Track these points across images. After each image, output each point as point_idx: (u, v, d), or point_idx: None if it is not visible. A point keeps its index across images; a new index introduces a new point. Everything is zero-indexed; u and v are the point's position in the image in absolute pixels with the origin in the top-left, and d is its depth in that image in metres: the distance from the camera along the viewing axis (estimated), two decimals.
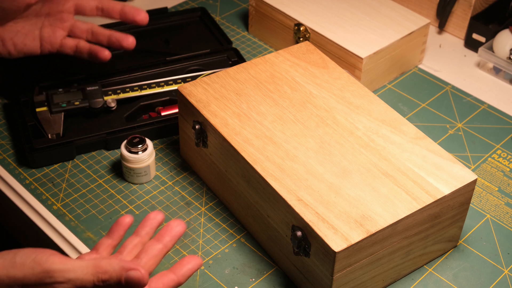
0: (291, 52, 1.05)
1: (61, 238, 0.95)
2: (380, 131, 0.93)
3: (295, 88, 0.99)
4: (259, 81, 0.99)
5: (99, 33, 1.03)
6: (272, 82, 0.99)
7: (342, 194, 0.84)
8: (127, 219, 0.79)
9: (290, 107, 0.95)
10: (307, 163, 0.88)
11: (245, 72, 1.01)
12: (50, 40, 1.00)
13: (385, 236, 0.82)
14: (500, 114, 1.16)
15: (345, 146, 0.90)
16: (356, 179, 0.86)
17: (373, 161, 0.88)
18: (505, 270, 0.92)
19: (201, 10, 1.29)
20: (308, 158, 0.88)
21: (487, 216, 0.99)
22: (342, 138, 0.91)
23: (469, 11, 1.25)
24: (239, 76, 1.00)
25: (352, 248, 0.79)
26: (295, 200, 0.83)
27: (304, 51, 1.05)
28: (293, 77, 1.00)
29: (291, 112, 0.95)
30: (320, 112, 0.95)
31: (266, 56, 1.04)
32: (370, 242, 0.81)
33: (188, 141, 1.02)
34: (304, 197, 0.83)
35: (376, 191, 0.85)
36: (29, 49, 1.00)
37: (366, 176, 0.86)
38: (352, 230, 0.80)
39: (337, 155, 0.89)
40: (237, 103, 0.96)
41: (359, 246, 0.80)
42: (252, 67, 1.02)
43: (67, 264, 0.68)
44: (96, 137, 1.05)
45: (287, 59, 1.03)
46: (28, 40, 0.99)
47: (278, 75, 1.01)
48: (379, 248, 0.83)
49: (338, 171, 0.87)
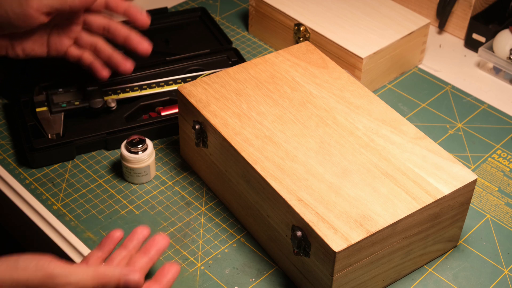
0: (291, 52, 1.05)
1: (61, 238, 0.95)
2: (380, 131, 0.93)
3: (295, 88, 0.98)
4: (259, 81, 0.99)
5: (101, 50, 1.04)
6: (272, 82, 0.99)
7: (342, 194, 0.84)
8: (118, 234, 0.83)
9: (290, 107, 0.95)
10: (307, 163, 0.88)
11: (245, 72, 1.01)
12: (56, 47, 1.02)
13: (385, 236, 0.82)
14: (500, 114, 1.16)
15: (345, 146, 0.90)
16: (356, 179, 0.86)
17: (373, 161, 0.88)
18: (505, 270, 0.92)
19: (201, 10, 1.30)
20: (308, 158, 0.88)
21: (487, 216, 0.99)
22: (342, 138, 0.91)
23: (469, 11, 1.25)
24: (239, 76, 1.00)
25: (352, 248, 0.79)
26: (295, 200, 0.83)
27: (304, 51, 1.05)
28: (293, 77, 1.00)
29: (291, 112, 0.95)
30: (320, 112, 0.95)
31: (266, 56, 1.04)
32: (370, 242, 0.81)
33: (188, 141, 1.02)
34: (304, 197, 0.83)
35: (376, 191, 0.85)
36: (37, 53, 1.02)
37: (366, 176, 0.86)
38: (352, 230, 0.80)
39: (337, 155, 0.89)
40: (237, 103, 0.96)
41: (359, 246, 0.80)
42: (252, 67, 1.02)
43: (69, 268, 0.71)
44: (96, 137, 1.05)
45: (287, 59, 1.03)
46: (36, 46, 1.01)
47: (278, 75, 1.01)
48: (379, 248, 0.83)
49: (338, 171, 0.87)
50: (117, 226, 0.96)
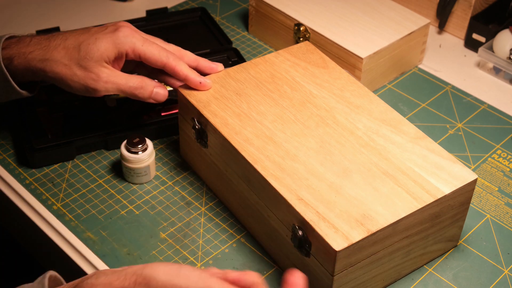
0: (291, 52, 1.05)
1: (61, 238, 0.94)
2: (380, 130, 0.93)
3: (295, 88, 0.98)
4: (259, 81, 0.99)
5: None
6: (272, 82, 0.99)
7: (343, 193, 0.84)
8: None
9: (290, 107, 0.95)
10: (308, 163, 0.88)
11: (245, 72, 1.01)
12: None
13: (386, 235, 0.82)
14: (500, 114, 1.16)
15: (345, 146, 0.90)
16: (356, 179, 0.86)
17: (374, 161, 0.88)
18: (505, 270, 0.92)
19: (201, 10, 1.30)
20: (309, 158, 0.88)
21: (487, 216, 0.99)
22: (342, 138, 0.91)
23: (469, 11, 1.26)
24: (239, 76, 1.00)
25: (353, 247, 0.79)
26: (296, 199, 0.83)
27: (304, 51, 1.05)
28: (293, 77, 1.00)
29: (291, 112, 0.95)
30: (320, 112, 0.95)
31: (266, 56, 1.04)
32: (370, 242, 0.81)
33: (188, 141, 1.02)
34: (304, 197, 0.83)
35: (376, 190, 0.85)
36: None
37: (366, 176, 0.86)
38: (352, 229, 0.80)
39: (337, 155, 0.89)
40: (237, 103, 0.96)
41: (360, 245, 0.80)
42: (252, 67, 1.02)
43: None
44: (96, 137, 1.05)
45: (287, 59, 1.03)
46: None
47: (278, 75, 1.01)
48: (379, 248, 0.83)
49: (338, 171, 0.87)
50: (117, 226, 0.96)
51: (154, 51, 0.96)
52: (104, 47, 0.93)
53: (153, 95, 0.97)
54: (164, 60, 0.96)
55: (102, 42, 0.93)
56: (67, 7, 1.36)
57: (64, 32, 0.98)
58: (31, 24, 1.30)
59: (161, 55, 0.96)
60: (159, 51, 0.96)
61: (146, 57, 0.96)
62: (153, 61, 0.96)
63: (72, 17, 1.33)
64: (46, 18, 1.32)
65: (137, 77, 0.96)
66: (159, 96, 0.98)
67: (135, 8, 1.36)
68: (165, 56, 0.96)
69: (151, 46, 0.96)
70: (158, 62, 0.96)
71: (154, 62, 0.96)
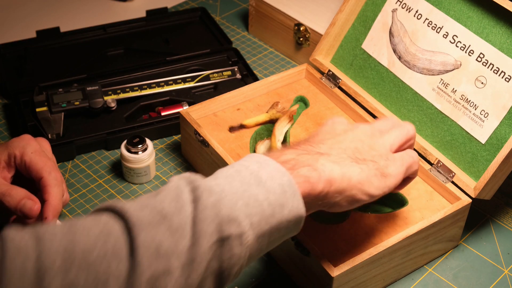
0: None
1: None
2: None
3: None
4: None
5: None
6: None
7: None
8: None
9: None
10: None
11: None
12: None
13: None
14: None
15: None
16: None
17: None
18: (505, 270, 0.92)
19: (201, 10, 1.30)
20: None
21: (487, 216, 0.99)
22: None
23: None
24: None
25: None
26: None
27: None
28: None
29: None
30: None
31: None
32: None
33: (189, 140, 1.02)
34: None
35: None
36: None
37: None
38: None
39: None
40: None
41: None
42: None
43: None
44: (96, 137, 1.05)
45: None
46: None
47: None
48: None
49: None
50: None
51: (40, 162, 0.85)
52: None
53: (19, 206, 0.84)
54: (45, 175, 0.85)
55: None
56: (67, 7, 1.36)
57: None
58: (31, 24, 1.30)
59: (44, 168, 0.85)
60: (45, 163, 0.85)
61: (30, 164, 0.85)
62: (34, 170, 0.85)
63: (72, 17, 1.33)
64: (46, 18, 1.32)
65: (9, 185, 0.85)
66: (25, 208, 0.83)
67: (135, 8, 1.36)
68: (47, 172, 0.85)
69: (39, 156, 0.86)
70: (39, 173, 0.85)
71: (35, 171, 0.85)
